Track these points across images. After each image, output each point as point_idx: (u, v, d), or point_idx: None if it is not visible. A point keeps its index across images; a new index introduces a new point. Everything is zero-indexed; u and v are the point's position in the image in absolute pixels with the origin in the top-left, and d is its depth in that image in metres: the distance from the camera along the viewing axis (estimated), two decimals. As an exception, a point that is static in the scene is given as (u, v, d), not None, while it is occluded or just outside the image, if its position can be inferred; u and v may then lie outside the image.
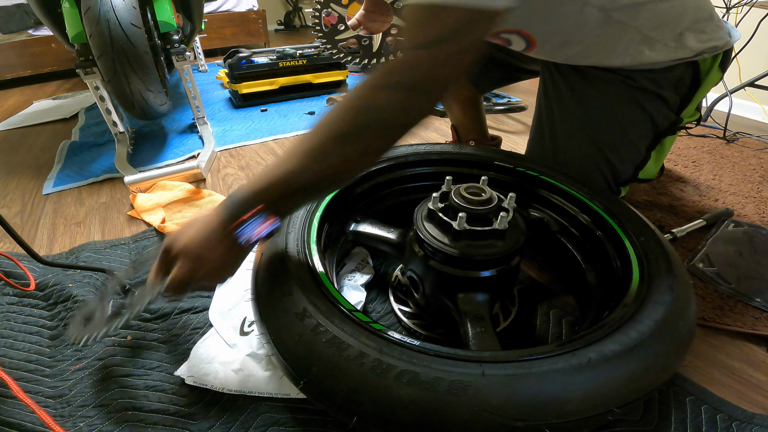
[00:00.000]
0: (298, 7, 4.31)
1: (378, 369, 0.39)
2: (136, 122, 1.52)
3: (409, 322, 0.65)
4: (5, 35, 2.27)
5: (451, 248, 0.52)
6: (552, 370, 0.38)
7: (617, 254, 0.58)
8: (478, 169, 0.75)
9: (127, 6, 1.02)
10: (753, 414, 0.52)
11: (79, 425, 0.51)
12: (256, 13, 2.94)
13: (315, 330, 0.42)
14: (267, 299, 0.48)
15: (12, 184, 1.15)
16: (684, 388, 0.55)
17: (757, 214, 0.93)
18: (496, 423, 0.36)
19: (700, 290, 0.71)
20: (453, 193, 0.56)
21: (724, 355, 0.61)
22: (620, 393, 0.39)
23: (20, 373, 0.57)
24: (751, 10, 1.42)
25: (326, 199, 0.63)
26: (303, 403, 0.53)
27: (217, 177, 1.16)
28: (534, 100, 0.86)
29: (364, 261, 0.74)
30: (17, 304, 0.68)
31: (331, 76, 1.84)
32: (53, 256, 0.83)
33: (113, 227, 0.94)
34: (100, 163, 1.24)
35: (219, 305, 0.67)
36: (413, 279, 0.59)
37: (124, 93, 1.07)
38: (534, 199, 0.72)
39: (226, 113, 1.67)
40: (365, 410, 0.39)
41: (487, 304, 0.54)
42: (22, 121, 1.66)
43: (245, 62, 1.69)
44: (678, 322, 0.45)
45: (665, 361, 0.42)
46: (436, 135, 1.44)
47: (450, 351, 0.41)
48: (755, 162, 1.17)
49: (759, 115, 1.56)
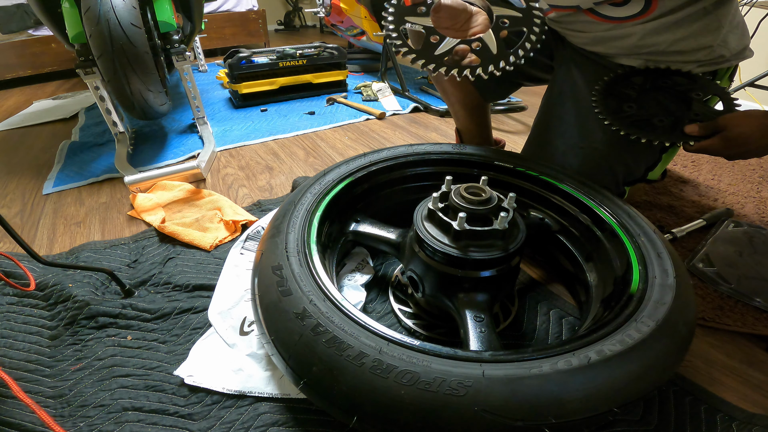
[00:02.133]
0: (298, 7, 4.31)
1: (378, 369, 0.39)
2: (136, 122, 1.53)
3: (409, 322, 0.65)
4: (5, 35, 2.27)
5: (451, 248, 0.52)
6: (552, 370, 0.38)
7: (617, 254, 0.58)
8: (478, 169, 0.75)
9: (127, 6, 1.02)
10: (753, 414, 0.52)
11: (79, 425, 0.51)
12: (256, 13, 2.94)
13: (315, 330, 0.42)
14: (267, 299, 0.48)
15: (12, 184, 1.15)
16: (684, 388, 0.55)
17: (757, 214, 0.93)
18: (496, 423, 0.36)
19: (700, 290, 0.71)
20: (453, 193, 0.56)
21: (724, 355, 0.61)
22: (620, 393, 0.39)
23: (20, 373, 0.57)
24: (751, 10, 1.42)
25: (326, 199, 0.63)
26: (303, 403, 0.53)
27: (217, 177, 1.16)
28: (534, 100, 0.86)
29: (364, 261, 0.74)
30: (17, 304, 0.68)
31: (331, 76, 1.84)
32: (53, 256, 0.83)
33: (113, 227, 0.94)
34: (100, 163, 1.24)
35: (219, 305, 0.67)
36: (413, 279, 0.59)
37: (124, 93, 1.07)
38: (534, 199, 0.72)
39: (226, 113, 1.67)
40: (365, 410, 0.39)
41: (487, 304, 0.54)
42: (22, 121, 1.66)
43: (245, 62, 1.69)
44: (678, 322, 0.45)
45: (665, 361, 0.42)
46: (437, 135, 1.44)
47: (450, 351, 0.41)
48: (755, 162, 1.17)
49: (759, 115, 1.56)
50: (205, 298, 0.70)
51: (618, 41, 0.74)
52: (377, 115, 1.59)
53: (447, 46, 0.68)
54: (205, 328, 0.64)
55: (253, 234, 0.81)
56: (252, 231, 0.82)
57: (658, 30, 0.69)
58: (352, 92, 1.89)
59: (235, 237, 0.86)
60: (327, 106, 1.73)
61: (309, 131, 1.47)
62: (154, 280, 0.74)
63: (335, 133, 1.47)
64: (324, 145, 1.36)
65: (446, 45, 0.68)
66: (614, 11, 0.70)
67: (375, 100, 1.76)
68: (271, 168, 1.20)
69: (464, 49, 0.68)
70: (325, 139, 1.42)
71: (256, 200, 1.02)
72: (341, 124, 1.53)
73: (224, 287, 0.70)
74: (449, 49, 0.68)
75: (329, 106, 1.73)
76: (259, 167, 1.21)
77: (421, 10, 0.69)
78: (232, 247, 0.80)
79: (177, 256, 0.80)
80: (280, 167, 1.21)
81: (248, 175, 1.17)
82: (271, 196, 1.05)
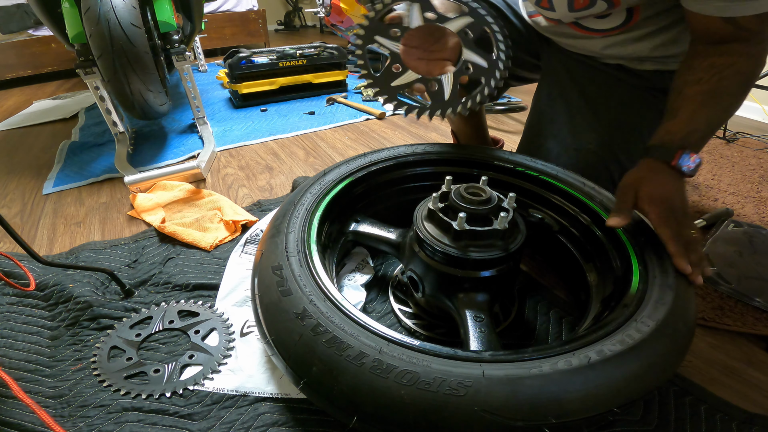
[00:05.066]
0: (298, 7, 4.31)
1: (378, 369, 0.39)
2: (136, 122, 1.53)
3: (409, 322, 0.65)
4: (5, 35, 2.28)
5: (451, 248, 0.52)
6: (552, 370, 0.38)
7: (617, 254, 0.58)
8: (478, 169, 0.75)
9: (127, 6, 1.02)
10: (753, 414, 0.52)
11: (79, 425, 0.51)
12: (256, 13, 2.94)
13: (315, 330, 0.42)
14: (267, 299, 0.48)
15: (12, 184, 1.15)
16: (684, 388, 0.55)
17: (757, 214, 0.93)
18: (496, 423, 0.36)
19: (700, 290, 0.71)
20: (453, 193, 0.56)
21: (724, 355, 0.61)
22: (620, 393, 0.39)
23: (20, 373, 0.57)
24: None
25: (326, 199, 0.63)
26: (303, 403, 0.53)
27: (217, 177, 1.16)
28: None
29: (364, 261, 0.74)
30: (17, 304, 0.68)
31: (331, 76, 1.84)
32: (53, 256, 0.83)
33: (113, 227, 0.94)
34: (100, 163, 1.24)
35: (222, 305, 0.67)
36: (413, 279, 0.59)
37: (124, 93, 1.07)
38: (534, 199, 0.72)
39: (226, 113, 1.67)
40: (365, 410, 0.39)
41: (487, 303, 0.54)
42: (22, 121, 1.66)
43: (245, 62, 1.69)
44: (678, 322, 0.45)
45: (665, 361, 0.42)
46: (436, 135, 1.45)
47: (450, 351, 0.41)
48: (755, 162, 1.17)
49: (759, 115, 1.56)
50: (205, 297, 0.70)
51: (600, 49, 0.74)
52: (377, 115, 1.59)
53: (405, 79, 0.65)
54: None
55: (252, 237, 0.81)
56: (251, 234, 0.82)
57: (639, 38, 0.69)
58: (352, 92, 1.89)
59: (236, 237, 0.86)
60: (327, 106, 1.73)
61: (309, 131, 1.47)
62: (154, 280, 0.74)
63: (335, 133, 1.47)
64: (324, 145, 1.36)
65: (405, 78, 0.65)
66: (597, 23, 0.70)
67: (375, 100, 1.76)
68: (271, 168, 1.20)
69: (420, 88, 0.66)
70: (325, 139, 1.42)
71: (256, 200, 1.02)
72: (341, 124, 1.53)
73: (224, 288, 0.70)
74: (407, 83, 0.65)
75: (329, 106, 1.73)
76: (259, 167, 1.21)
77: (395, 32, 0.64)
78: (233, 250, 0.80)
79: (177, 256, 0.80)
80: (280, 167, 1.21)
81: (248, 175, 1.17)
82: (271, 196, 1.05)
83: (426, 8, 0.63)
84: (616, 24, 0.69)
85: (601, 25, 0.70)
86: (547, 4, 0.71)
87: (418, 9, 0.63)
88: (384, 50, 0.65)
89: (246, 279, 0.71)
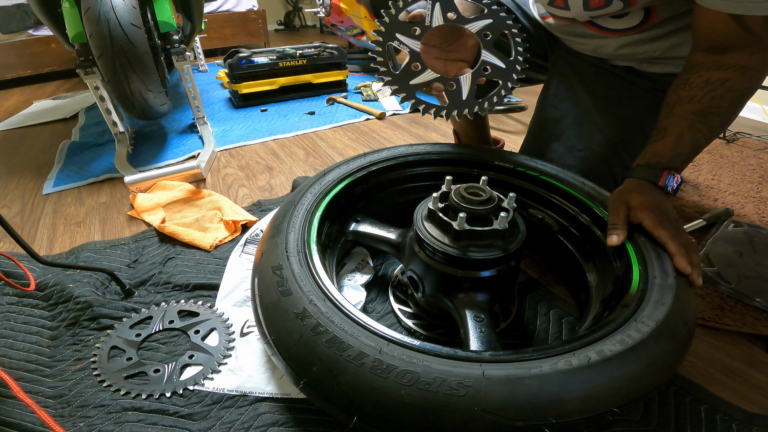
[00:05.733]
0: (298, 7, 4.31)
1: (378, 369, 0.39)
2: (136, 122, 1.52)
3: (409, 322, 0.65)
4: (5, 35, 2.27)
5: (451, 248, 0.52)
6: (552, 371, 0.38)
7: (617, 254, 0.58)
8: (478, 169, 0.75)
9: (127, 6, 1.02)
10: (753, 414, 0.52)
11: (79, 425, 0.51)
12: (256, 13, 2.94)
13: (315, 330, 0.42)
14: (267, 299, 0.48)
15: (12, 184, 1.15)
16: (684, 388, 0.55)
17: (757, 214, 0.93)
18: (496, 423, 0.36)
19: (700, 290, 0.71)
20: (453, 193, 0.56)
21: (724, 355, 0.61)
22: (620, 393, 0.39)
23: (20, 373, 0.57)
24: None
25: (326, 199, 0.63)
26: (303, 403, 0.53)
27: (217, 177, 1.16)
28: (534, 100, 0.86)
29: (364, 261, 0.74)
30: (17, 304, 0.68)
31: (331, 76, 1.84)
32: (53, 256, 0.83)
33: (113, 227, 0.94)
34: (100, 163, 1.24)
35: (222, 305, 0.67)
36: (413, 279, 0.59)
37: (124, 93, 1.07)
38: (534, 199, 0.72)
39: (226, 113, 1.67)
40: (365, 410, 0.39)
41: (487, 303, 0.54)
42: (22, 121, 1.66)
43: (245, 62, 1.69)
44: (678, 322, 0.45)
45: (665, 361, 0.42)
46: (437, 135, 1.45)
47: (450, 351, 0.41)
48: (755, 162, 1.17)
49: (759, 115, 1.56)
50: (205, 297, 0.70)
51: (613, 50, 0.74)
52: (377, 115, 1.59)
53: (424, 78, 0.66)
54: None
55: (252, 237, 0.81)
56: (251, 234, 0.82)
57: (655, 38, 0.69)
58: (352, 92, 1.89)
59: (236, 237, 0.86)
60: (327, 106, 1.73)
61: (309, 131, 1.47)
62: (154, 280, 0.74)
63: (335, 133, 1.47)
64: (324, 145, 1.36)
65: (424, 77, 0.65)
66: (613, 23, 0.70)
67: (375, 100, 1.76)
68: (271, 168, 1.20)
69: (438, 87, 0.66)
70: (325, 139, 1.42)
71: (256, 200, 1.02)
72: (341, 124, 1.53)
73: (224, 287, 0.70)
74: (426, 81, 0.66)
75: (329, 106, 1.73)
76: (259, 167, 1.21)
77: (416, 30, 0.65)
78: (233, 250, 0.80)
79: (177, 256, 0.80)
80: (280, 167, 1.21)
81: (248, 175, 1.17)
82: (271, 196, 1.05)
83: (447, 8, 0.64)
84: (634, 23, 0.68)
85: (617, 25, 0.70)
86: (561, 4, 0.71)
87: (440, 9, 0.64)
88: (404, 48, 0.66)
89: (246, 279, 0.71)
